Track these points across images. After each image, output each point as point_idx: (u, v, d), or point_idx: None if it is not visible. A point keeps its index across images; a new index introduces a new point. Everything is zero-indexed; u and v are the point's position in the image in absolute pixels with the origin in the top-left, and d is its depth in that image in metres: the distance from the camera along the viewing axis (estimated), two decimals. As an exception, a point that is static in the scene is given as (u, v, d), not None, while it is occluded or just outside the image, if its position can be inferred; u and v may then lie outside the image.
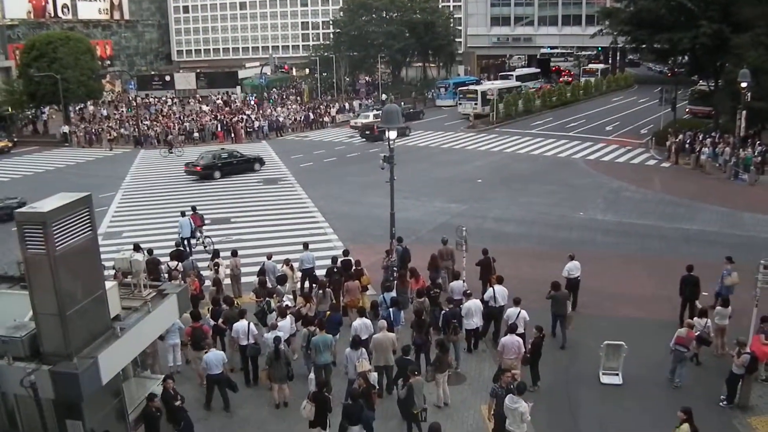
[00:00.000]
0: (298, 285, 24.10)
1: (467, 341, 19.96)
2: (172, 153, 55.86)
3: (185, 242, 29.02)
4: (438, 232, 29.71)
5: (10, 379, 11.10)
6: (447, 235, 25.14)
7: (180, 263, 23.88)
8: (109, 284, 12.58)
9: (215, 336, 19.35)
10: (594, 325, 21.39)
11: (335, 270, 22.87)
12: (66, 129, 65.82)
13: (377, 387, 16.48)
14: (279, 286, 21.69)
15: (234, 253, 24.72)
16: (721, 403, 16.96)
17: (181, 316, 16.15)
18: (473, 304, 19.69)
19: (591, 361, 18.58)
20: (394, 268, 23.15)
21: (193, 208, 31.34)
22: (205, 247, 29.63)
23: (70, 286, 11.20)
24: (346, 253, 24.22)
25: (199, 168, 45.91)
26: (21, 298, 12.03)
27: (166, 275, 22.99)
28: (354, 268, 22.84)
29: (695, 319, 18.89)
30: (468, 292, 20.37)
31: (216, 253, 24.65)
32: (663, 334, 18.98)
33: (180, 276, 23.07)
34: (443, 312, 19.22)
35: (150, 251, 23.96)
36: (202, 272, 23.84)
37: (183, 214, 29.95)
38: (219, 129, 64.09)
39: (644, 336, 20.24)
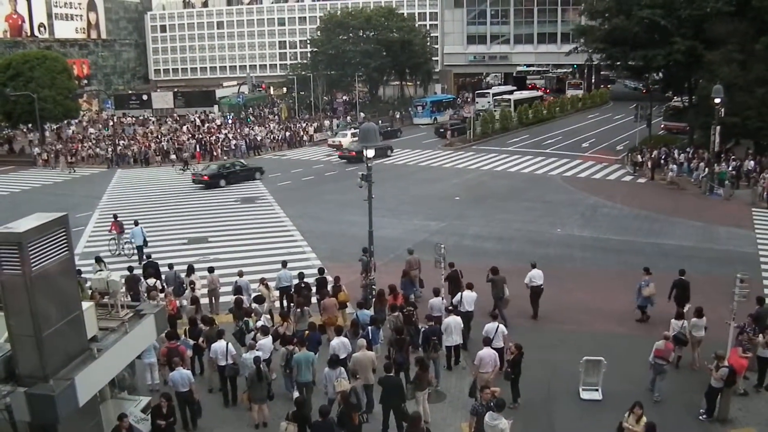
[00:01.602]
0: (276, 303, 24.04)
1: (447, 358, 19.95)
2: (187, 170, 54.90)
3: (139, 251, 30.74)
4: (416, 250, 29.61)
5: (-15, 402, 10.96)
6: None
7: (158, 280, 24.17)
8: (85, 305, 12.48)
9: (194, 356, 19.24)
10: (572, 341, 21.49)
11: (303, 286, 23.16)
12: (37, 150, 64.46)
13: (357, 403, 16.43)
14: (256, 305, 21.62)
15: (211, 270, 24.80)
16: (700, 417, 17.02)
17: (158, 337, 16.03)
18: (453, 321, 19.70)
19: (570, 376, 18.58)
20: (373, 287, 23.14)
21: (114, 216, 33.89)
22: (124, 252, 31.91)
23: (47, 308, 11.08)
24: (321, 271, 24.58)
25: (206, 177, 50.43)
26: (-4, 320, 11.90)
27: (146, 294, 23.10)
28: (333, 284, 23.12)
29: (672, 321, 19.38)
30: (450, 308, 20.48)
31: (191, 270, 24.54)
32: (641, 349, 19.05)
33: (161, 292, 23.25)
34: (423, 329, 19.19)
35: (130, 269, 24.89)
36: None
37: (136, 223, 31.76)
38: (198, 149, 62.84)
39: (623, 351, 20.30)
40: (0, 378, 11.16)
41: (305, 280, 23.63)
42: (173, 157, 59.91)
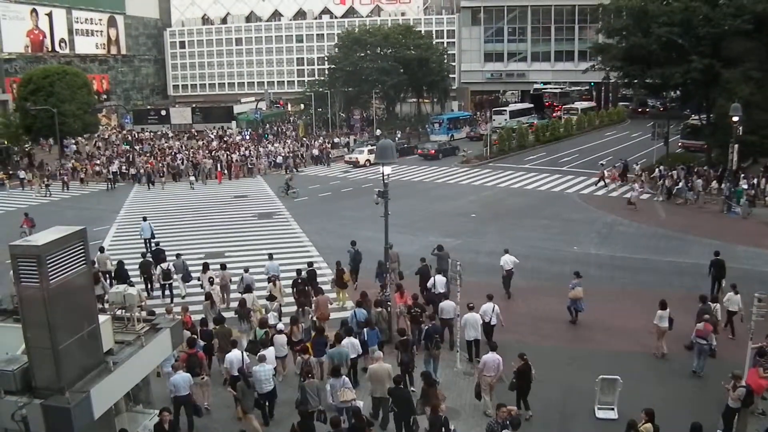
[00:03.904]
0: (284, 300, 25.43)
1: (468, 351, 21.21)
2: (289, 191, 51.23)
3: (146, 242, 35.00)
4: (431, 266, 29.75)
5: (2, 412, 11.03)
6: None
7: (169, 264, 28.37)
8: (102, 318, 12.56)
9: (210, 358, 19.87)
10: (587, 359, 21.42)
11: (300, 281, 25.11)
12: (22, 174, 61.44)
13: (372, 421, 16.50)
14: (267, 302, 23.26)
15: (223, 267, 26.97)
16: (717, 438, 16.89)
17: (174, 350, 16.16)
18: (471, 317, 20.92)
19: (585, 395, 18.50)
20: (389, 303, 23.20)
21: (26, 214, 38.59)
22: None
23: (64, 320, 11.17)
24: (310, 264, 27.42)
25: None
26: (14, 331, 12.01)
27: (161, 277, 27.70)
28: (336, 268, 26.81)
29: (708, 303, 21.50)
30: (470, 305, 21.29)
31: (206, 266, 26.86)
32: (658, 368, 18.95)
33: (173, 274, 28.05)
34: (425, 328, 20.33)
35: (143, 254, 30.30)
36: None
37: (144, 219, 36.75)
38: (219, 169, 61.18)
39: (639, 370, 20.21)
40: (16, 389, 11.24)
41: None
42: (192, 178, 58.29)
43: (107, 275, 28.28)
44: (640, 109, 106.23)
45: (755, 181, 44.63)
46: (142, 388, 16.74)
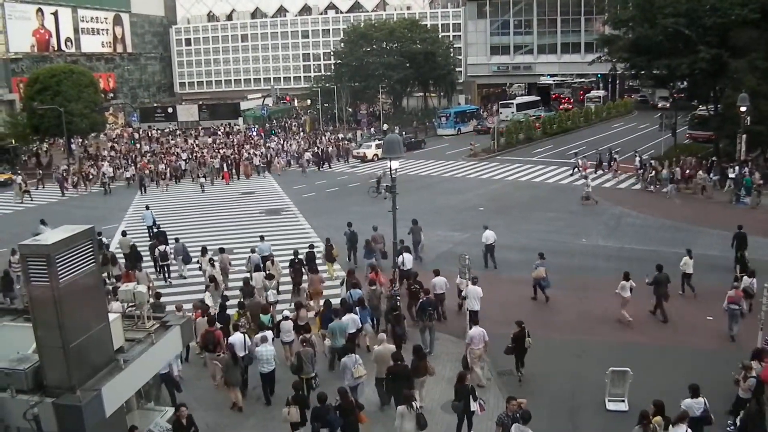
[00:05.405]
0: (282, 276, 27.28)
1: (469, 320, 21.71)
2: (379, 193, 46.62)
3: (149, 229, 37.53)
4: (440, 260, 29.91)
5: (14, 411, 11.05)
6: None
7: (167, 246, 30.83)
8: (112, 316, 12.59)
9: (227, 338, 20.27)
10: (597, 351, 21.41)
11: (297, 261, 26.89)
12: (19, 179, 57.41)
13: (362, 405, 16.86)
14: (266, 281, 24.71)
15: (222, 251, 28.84)
16: (728, 428, 16.83)
17: (184, 347, 16.37)
18: (473, 290, 22.60)
19: (596, 387, 18.49)
20: (398, 297, 23.24)
21: None
22: None
23: (74, 319, 11.19)
24: (311, 246, 29.05)
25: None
26: (24, 331, 12.04)
27: (159, 258, 30.20)
28: (326, 245, 29.57)
29: (744, 278, 22.79)
30: (475, 278, 23.10)
31: (205, 250, 28.95)
32: (667, 359, 18.92)
33: (172, 257, 30.50)
34: (420, 301, 21.93)
35: (156, 235, 33.80)
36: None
37: (147, 207, 39.16)
38: (225, 169, 59.72)
39: (649, 361, 20.15)
40: (28, 388, 11.27)
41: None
42: (202, 180, 56.05)
43: (126, 257, 30.61)
44: (660, 105, 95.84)
45: (746, 170, 44.37)
46: (153, 386, 16.85)
